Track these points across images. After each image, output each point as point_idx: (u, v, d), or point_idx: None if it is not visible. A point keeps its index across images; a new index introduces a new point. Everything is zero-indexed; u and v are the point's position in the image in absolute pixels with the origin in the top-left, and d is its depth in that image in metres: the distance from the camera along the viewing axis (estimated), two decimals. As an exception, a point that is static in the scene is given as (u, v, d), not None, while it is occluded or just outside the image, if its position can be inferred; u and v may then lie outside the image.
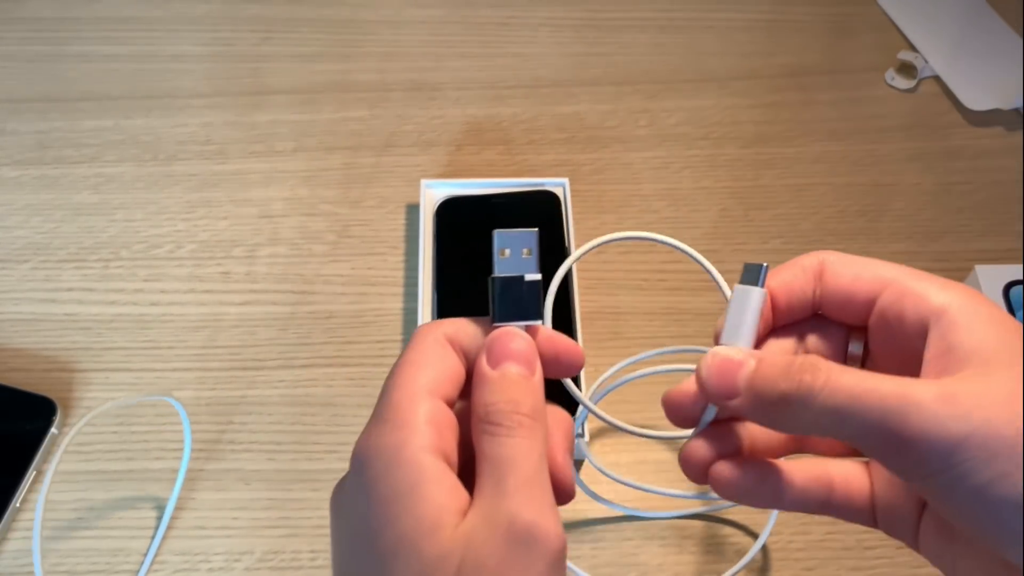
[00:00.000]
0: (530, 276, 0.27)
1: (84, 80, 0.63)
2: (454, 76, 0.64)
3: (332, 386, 0.51)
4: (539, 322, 0.27)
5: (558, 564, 0.23)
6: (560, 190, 0.55)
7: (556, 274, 0.29)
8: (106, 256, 0.55)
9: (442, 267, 0.52)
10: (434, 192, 0.56)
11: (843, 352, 0.28)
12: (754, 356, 0.26)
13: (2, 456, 0.47)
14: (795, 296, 0.28)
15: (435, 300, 0.51)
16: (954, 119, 0.63)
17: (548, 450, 0.26)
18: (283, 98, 0.63)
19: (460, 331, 0.27)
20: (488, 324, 0.27)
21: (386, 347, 0.52)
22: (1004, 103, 0.63)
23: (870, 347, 0.28)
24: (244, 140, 0.60)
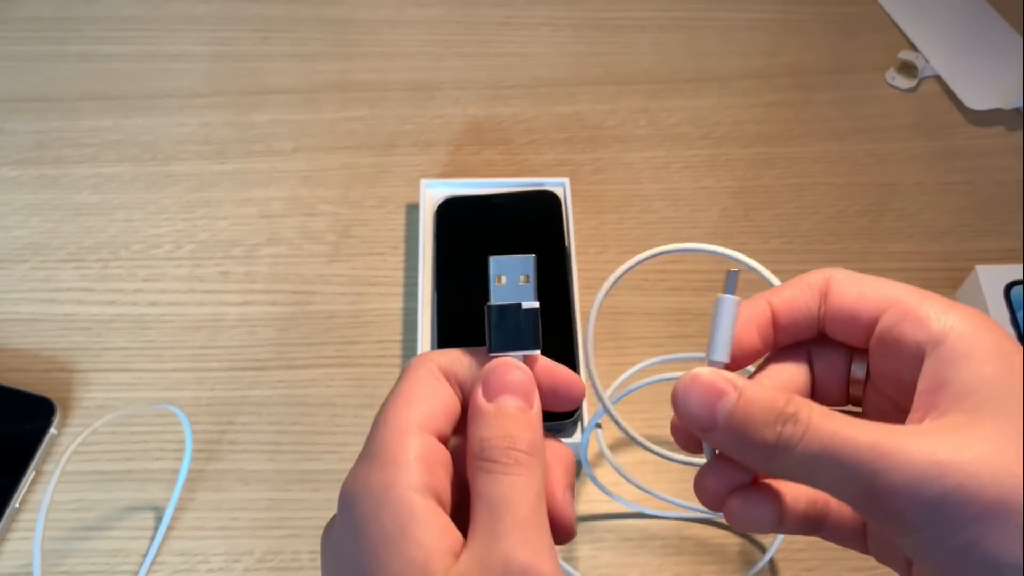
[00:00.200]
0: (527, 304, 0.26)
1: (83, 80, 0.63)
2: (454, 76, 0.64)
3: (332, 386, 0.51)
4: (537, 352, 0.26)
5: None
6: (560, 190, 0.55)
7: (600, 289, 0.29)
8: (105, 256, 0.55)
9: (442, 267, 0.52)
10: (434, 192, 0.56)
11: (846, 376, 0.27)
12: (736, 387, 0.24)
13: (1, 457, 0.47)
14: (799, 313, 0.27)
15: (435, 300, 0.51)
16: (955, 119, 0.63)
17: (547, 486, 0.25)
18: (283, 98, 0.62)
19: (455, 362, 0.26)
20: (485, 354, 0.26)
21: (386, 347, 0.52)
22: (1005, 103, 0.63)
23: (871, 371, 0.27)
24: (244, 140, 0.60)
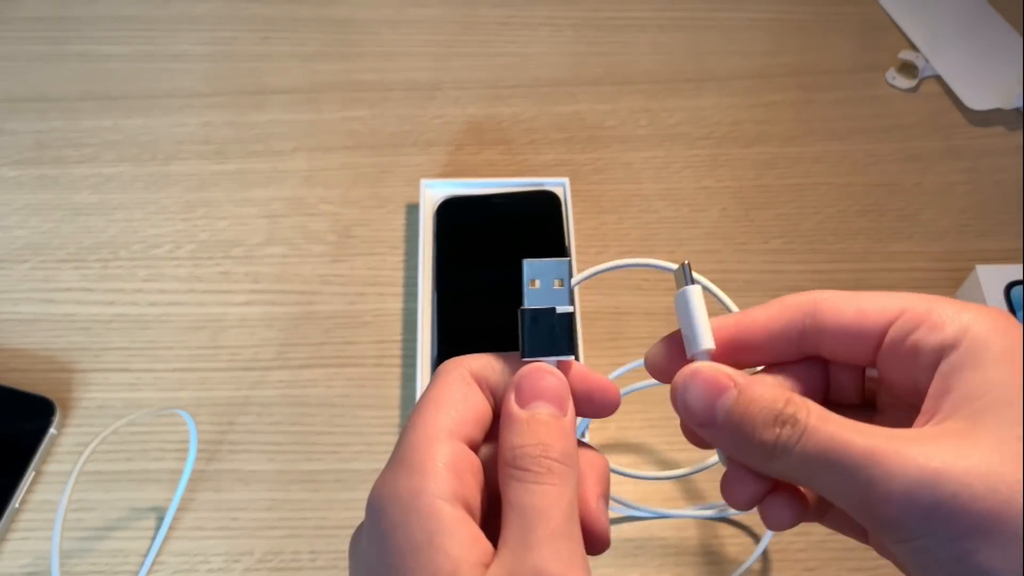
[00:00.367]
0: (562, 308, 0.25)
1: (83, 80, 0.63)
2: (454, 76, 0.64)
3: (332, 386, 0.51)
4: (571, 357, 0.26)
5: None
6: (560, 190, 0.55)
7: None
8: (105, 256, 0.55)
9: (442, 267, 0.52)
10: (434, 192, 0.56)
11: (861, 375, 0.27)
12: (736, 384, 0.24)
13: (1, 457, 0.47)
14: (777, 331, 0.26)
15: (435, 300, 0.51)
16: (955, 119, 0.63)
17: (580, 495, 0.25)
18: (283, 98, 0.62)
19: (487, 367, 0.26)
20: (518, 360, 0.26)
21: (386, 347, 0.52)
22: (1005, 103, 0.63)
23: (883, 380, 0.26)
24: (243, 140, 0.60)
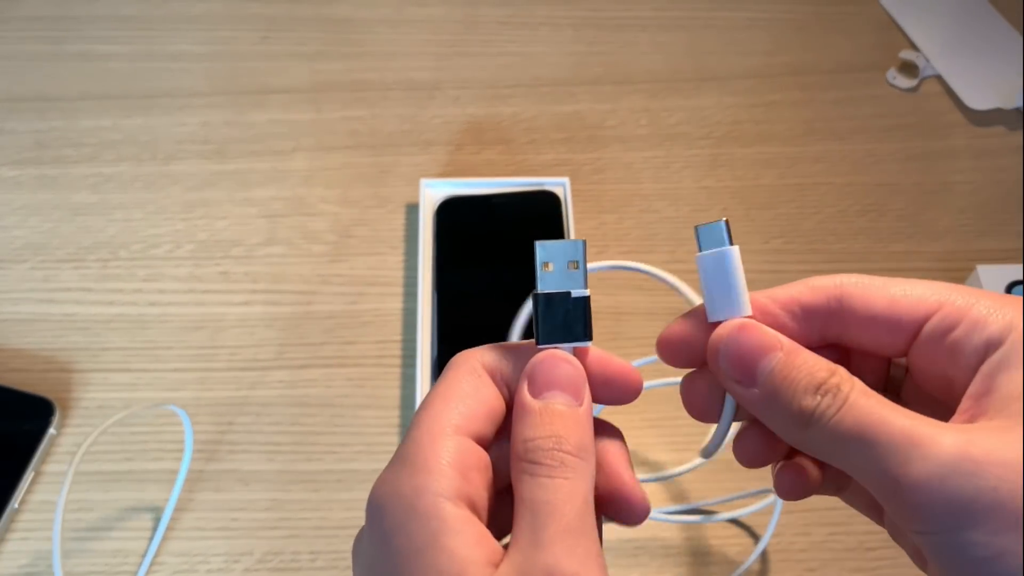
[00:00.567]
0: (577, 292, 0.24)
1: (82, 79, 0.63)
2: (454, 76, 0.64)
3: (331, 387, 0.51)
4: (588, 343, 0.25)
5: None
6: (560, 190, 0.55)
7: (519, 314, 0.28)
8: (104, 256, 0.55)
9: (442, 267, 0.52)
10: (434, 192, 0.55)
11: (884, 363, 0.26)
12: (781, 344, 0.23)
13: (0, 457, 0.47)
14: (808, 313, 0.24)
15: (435, 300, 0.51)
16: (955, 118, 0.63)
17: (611, 469, 0.24)
18: (282, 97, 0.62)
19: (501, 359, 0.25)
20: (533, 348, 0.25)
21: (386, 347, 0.52)
22: (1005, 102, 0.63)
23: (912, 372, 0.25)
24: (243, 139, 0.60)
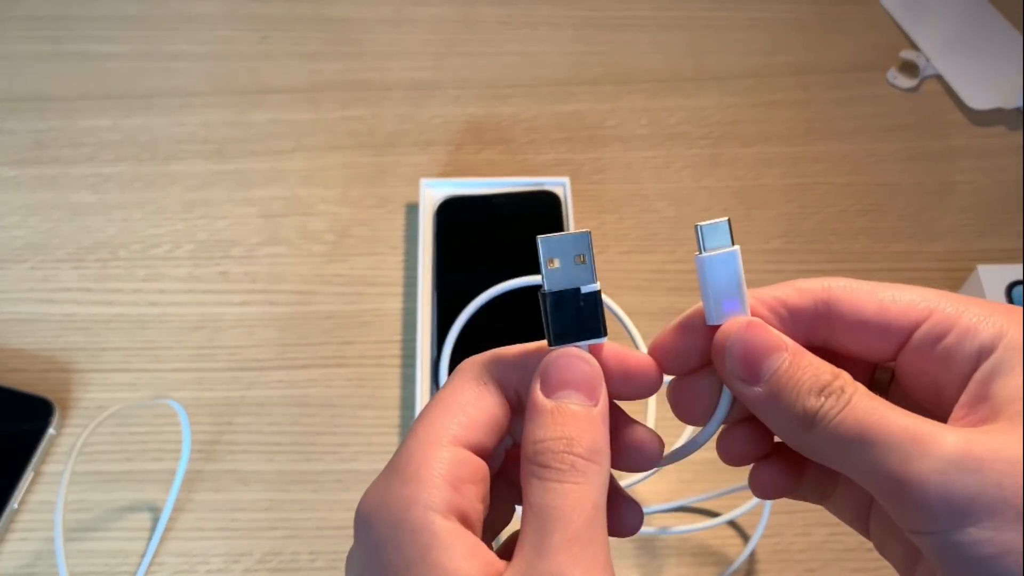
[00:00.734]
0: (587, 287, 0.23)
1: (82, 79, 0.63)
2: (454, 75, 0.64)
3: (331, 387, 0.50)
4: (603, 339, 0.24)
5: None
6: (560, 190, 0.55)
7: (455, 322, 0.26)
8: (104, 256, 0.55)
9: (442, 267, 0.52)
10: (434, 192, 0.55)
11: (869, 370, 0.25)
12: (787, 346, 0.22)
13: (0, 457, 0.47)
14: (795, 316, 0.24)
15: (435, 300, 0.51)
16: (956, 118, 0.63)
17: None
18: (282, 97, 0.62)
19: (511, 364, 0.24)
20: (545, 351, 0.24)
21: (385, 347, 0.52)
22: (1006, 102, 0.63)
23: (898, 378, 0.24)
24: (243, 139, 0.60)
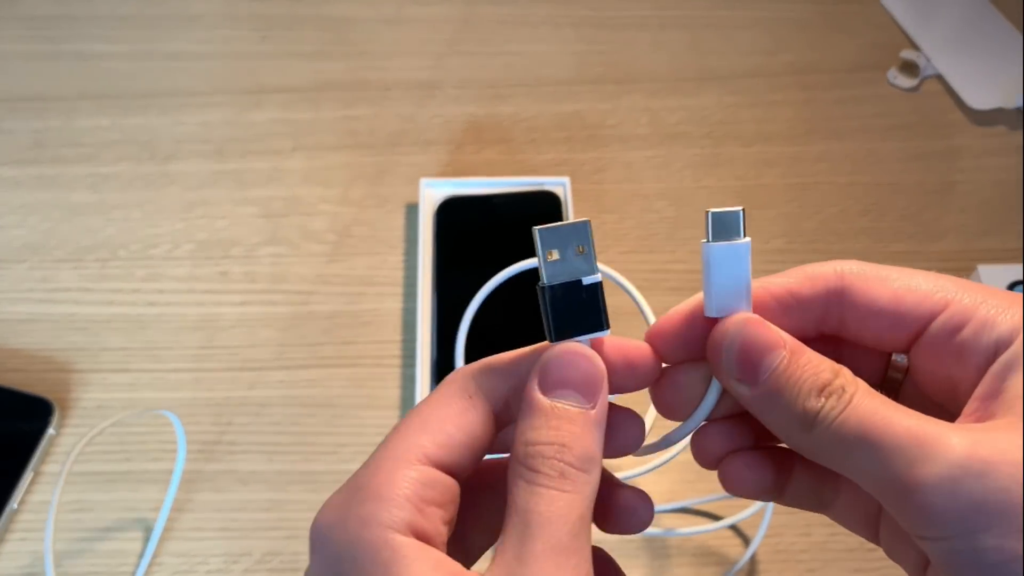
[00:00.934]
0: (588, 279, 0.23)
1: (81, 79, 0.62)
2: (454, 75, 0.64)
3: (331, 387, 0.50)
4: (606, 333, 0.23)
5: None
6: (560, 189, 0.55)
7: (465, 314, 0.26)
8: (103, 256, 0.55)
9: (442, 267, 0.52)
10: (434, 192, 0.55)
11: (882, 363, 0.24)
12: (786, 344, 0.21)
13: (-1, 458, 0.47)
14: (805, 305, 0.23)
15: (435, 300, 0.51)
16: (956, 118, 0.63)
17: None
18: (282, 97, 0.62)
19: (505, 375, 0.22)
20: (543, 349, 0.23)
21: (385, 347, 0.52)
22: (1007, 102, 0.63)
23: (912, 370, 0.24)
24: (242, 139, 0.60)
